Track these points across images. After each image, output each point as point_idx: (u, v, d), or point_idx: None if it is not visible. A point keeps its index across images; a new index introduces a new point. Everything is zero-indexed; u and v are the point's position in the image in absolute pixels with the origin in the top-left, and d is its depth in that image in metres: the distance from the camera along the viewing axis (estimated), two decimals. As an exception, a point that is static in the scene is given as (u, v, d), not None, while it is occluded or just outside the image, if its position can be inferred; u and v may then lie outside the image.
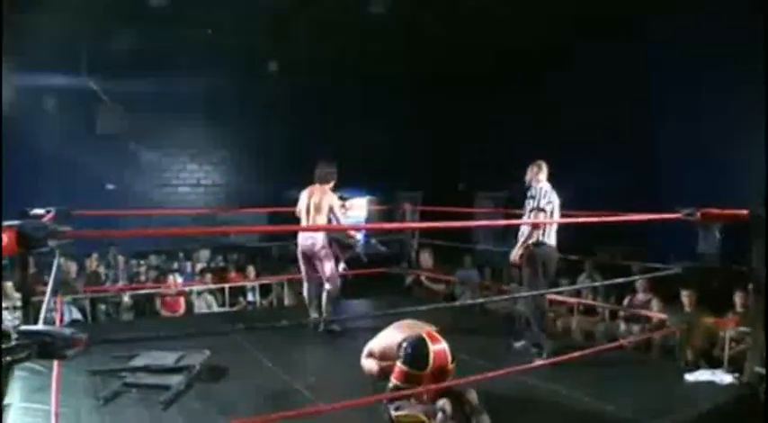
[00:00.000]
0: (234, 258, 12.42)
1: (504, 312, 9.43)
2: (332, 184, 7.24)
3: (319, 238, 7.03)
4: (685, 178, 9.72)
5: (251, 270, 10.56)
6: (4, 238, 2.35)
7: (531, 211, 6.27)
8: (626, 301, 8.63)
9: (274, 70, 13.13)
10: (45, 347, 2.45)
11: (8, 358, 2.46)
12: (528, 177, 6.47)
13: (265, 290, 10.09)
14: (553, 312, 8.97)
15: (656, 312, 7.98)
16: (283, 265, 11.54)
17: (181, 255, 12.20)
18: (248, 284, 10.05)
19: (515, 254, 6.29)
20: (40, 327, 2.74)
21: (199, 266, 11.38)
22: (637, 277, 5.24)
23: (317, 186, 7.16)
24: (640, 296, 8.53)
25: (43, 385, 4.88)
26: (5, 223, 2.39)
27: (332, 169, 7.24)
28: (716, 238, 5.16)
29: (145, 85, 12.41)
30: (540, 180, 6.39)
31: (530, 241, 6.18)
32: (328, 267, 7.08)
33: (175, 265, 11.35)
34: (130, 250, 11.91)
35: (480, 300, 8.95)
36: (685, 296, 7.69)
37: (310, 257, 7.15)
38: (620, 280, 5.32)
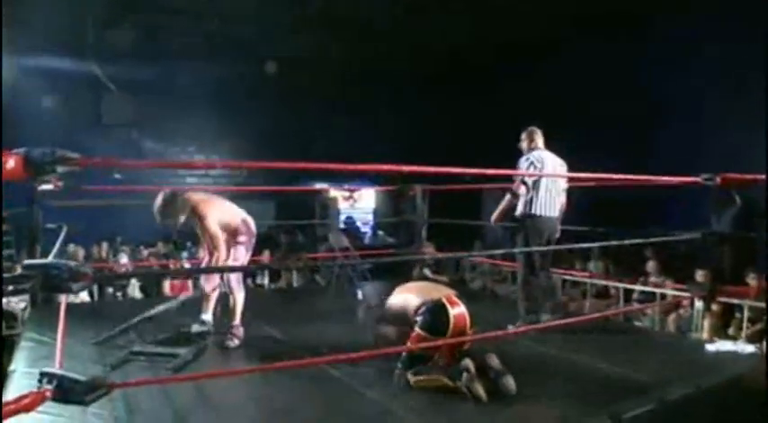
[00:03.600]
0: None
1: (515, 297, 9.33)
2: None
3: None
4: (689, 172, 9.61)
5: (266, 253, 10.50)
6: (11, 161, 2.27)
7: (515, 180, 6.05)
8: (636, 285, 8.54)
9: (283, 61, 13.07)
10: (50, 279, 2.37)
11: (10, 287, 2.38)
12: (524, 145, 6.28)
13: (276, 275, 10.03)
14: (566, 295, 8.91)
15: (670, 291, 7.88)
16: (295, 251, 11.47)
17: (188, 243, 12.12)
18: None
19: (494, 217, 6.30)
20: (45, 260, 2.65)
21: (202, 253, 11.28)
22: (654, 239, 5.13)
23: None
24: (653, 279, 8.45)
25: (49, 354, 4.82)
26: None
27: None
28: (730, 215, 5.08)
29: (152, 75, 12.35)
30: (536, 148, 6.17)
31: (513, 209, 6.09)
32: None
33: (185, 254, 11.27)
34: (137, 239, 11.86)
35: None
36: (700, 276, 7.58)
37: None
38: (635, 241, 5.19)
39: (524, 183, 5.96)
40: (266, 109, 13.55)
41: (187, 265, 9.88)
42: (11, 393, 4.01)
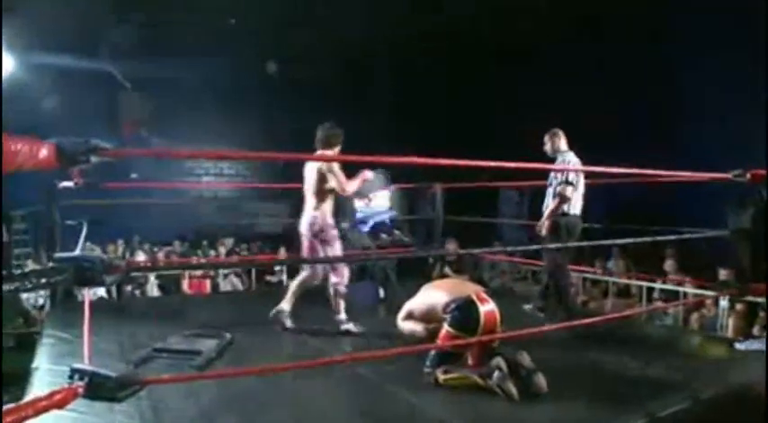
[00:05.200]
0: (259, 246, 12.34)
1: (535, 295, 9.27)
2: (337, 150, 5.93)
3: (318, 217, 5.71)
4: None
5: (282, 252, 10.44)
6: (44, 150, 2.22)
7: (559, 184, 6.04)
8: (658, 283, 8.46)
9: (301, 59, 13.03)
10: (82, 273, 2.32)
11: (43, 280, 2.34)
12: (548, 147, 6.34)
13: (294, 272, 9.94)
14: (586, 295, 8.83)
15: (693, 290, 7.81)
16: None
17: (204, 243, 12.10)
18: (277, 267, 9.91)
19: (541, 224, 6.15)
20: (76, 253, 2.60)
21: (223, 250, 11.25)
22: (686, 236, 5.10)
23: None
24: (671, 277, 8.40)
25: (71, 351, 4.82)
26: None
27: (335, 130, 6.03)
28: (751, 213, 5.01)
29: (168, 74, 12.33)
30: (562, 150, 6.26)
31: (558, 212, 6.05)
32: (331, 253, 5.71)
33: (201, 253, 11.24)
34: (154, 238, 11.85)
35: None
36: (724, 274, 7.50)
37: (310, 240, 5.78)
38: (663, 238, 5.15)
39: (571, 184, 6.00)
40: (284, 107, 13.50)
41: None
42: (37, 391, 3.98)
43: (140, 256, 10.05)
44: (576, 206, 6.13)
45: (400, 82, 13.91)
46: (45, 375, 4.27)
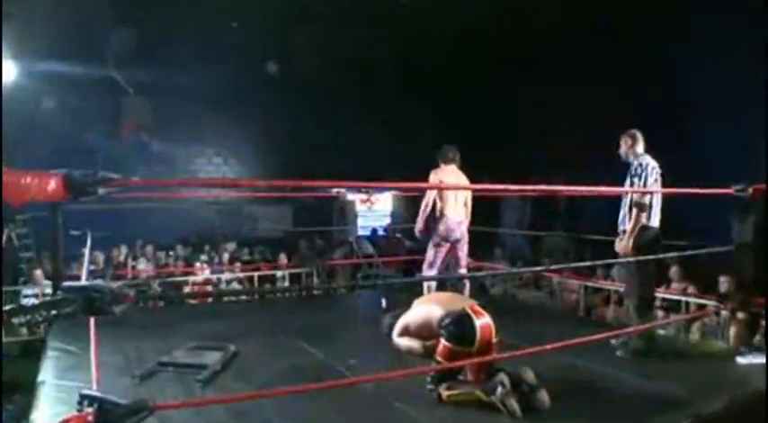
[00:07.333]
0: (260, 250, 12.36)
1: (537, 302, 9.30)
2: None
3: (466, 224, 6.95)
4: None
5: (282, 257, 10.43)
6: (52, 183, 2.26)
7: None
8: (661, 291, 8.46)
9: (303, 64, 13.04)
10: (91, 302, 2.35)
11: (53, 312, 2.37)
12: (622, 151, 5.66)
13: (295, 280, 9.95)
14: (587, 303, 8.85)
15: (695, 300, 7.81)
16: (311, 257, 11.42)
17: (207, 247, 12.11)
18: (278, 273, 9.89)
19: (624, 245, 5.42)
20: (85, 282, 2.62)
21: (226, 256, 11.26)
22: (690, 252, 5.11)
23: (454, 168, 6.85)
24: (675, 286, 8.38)
25: (76, 364, 4.86)
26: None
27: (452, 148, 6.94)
28: (752, 222, 5.02)
29: (169, 78, 12.32)
30: (638, 154, 5.56)
31: (640, 225, 5.37)
32: (464, 254, 7.03)
33: (203, 257, 11.26)
34: (156, 242, 11.87)
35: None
36: (723, 282, 7.52)
37: (454, 243, 6.87)
38: (668, 255, 5.15)
39: (650, 192, 5.43)
40: (285, 111, 13.52)
41: (207, 270, 9.84)
42: (43, 406, 4.03)
43: (143, 264, 10.05)
44: (654, 218, 5.51)
45: (402, 82, 13.91)
46: (51, 390, 4.31)
